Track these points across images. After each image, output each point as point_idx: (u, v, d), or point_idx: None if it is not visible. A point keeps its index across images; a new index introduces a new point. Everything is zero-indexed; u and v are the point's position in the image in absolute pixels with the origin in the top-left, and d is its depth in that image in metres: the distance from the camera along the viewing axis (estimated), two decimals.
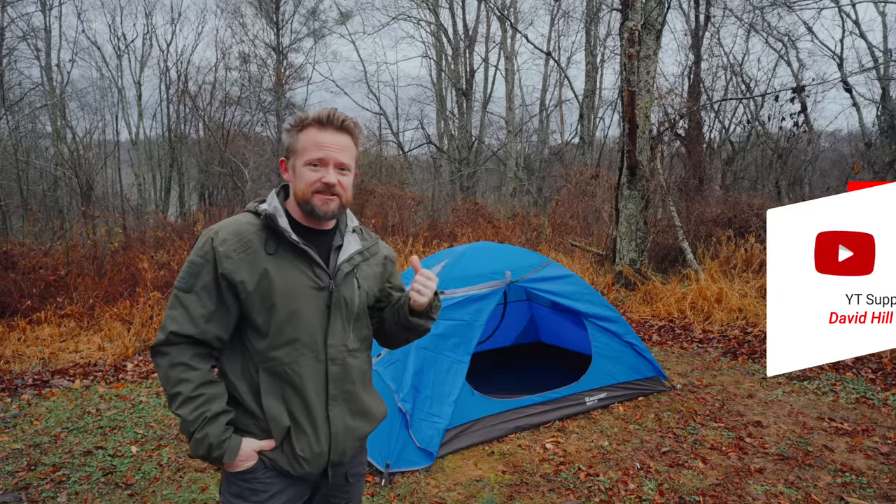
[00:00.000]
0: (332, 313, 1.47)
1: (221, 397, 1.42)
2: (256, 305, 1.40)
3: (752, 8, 13.70)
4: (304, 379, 1.43)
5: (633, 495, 3.04)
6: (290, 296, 1.41)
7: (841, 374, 4.88)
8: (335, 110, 1.45)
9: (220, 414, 1.39)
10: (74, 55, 25.00)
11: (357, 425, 1.54)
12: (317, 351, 1.45)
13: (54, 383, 5.03)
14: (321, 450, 1.46)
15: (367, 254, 1.58)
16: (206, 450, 1.37)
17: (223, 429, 1.39)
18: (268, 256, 1.41)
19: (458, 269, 3.97)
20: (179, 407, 1.37)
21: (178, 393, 1.37)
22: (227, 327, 1.43)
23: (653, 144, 8.97)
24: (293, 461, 1.44)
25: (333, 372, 1.47)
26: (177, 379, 1.38)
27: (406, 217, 13.37)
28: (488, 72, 23.37)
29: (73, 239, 9.57)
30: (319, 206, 1.43)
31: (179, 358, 1.39)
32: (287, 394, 1.43)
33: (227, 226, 1.44)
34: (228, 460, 1.39)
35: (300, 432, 1.44)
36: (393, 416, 3.32)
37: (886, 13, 15.51)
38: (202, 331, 1.39)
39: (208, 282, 1.39)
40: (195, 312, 1.39)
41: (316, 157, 1.42)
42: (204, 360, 1.42)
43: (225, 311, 1.41)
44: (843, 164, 14.53)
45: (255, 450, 1.43)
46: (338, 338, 1.48)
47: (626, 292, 8.21)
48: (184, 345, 1.39)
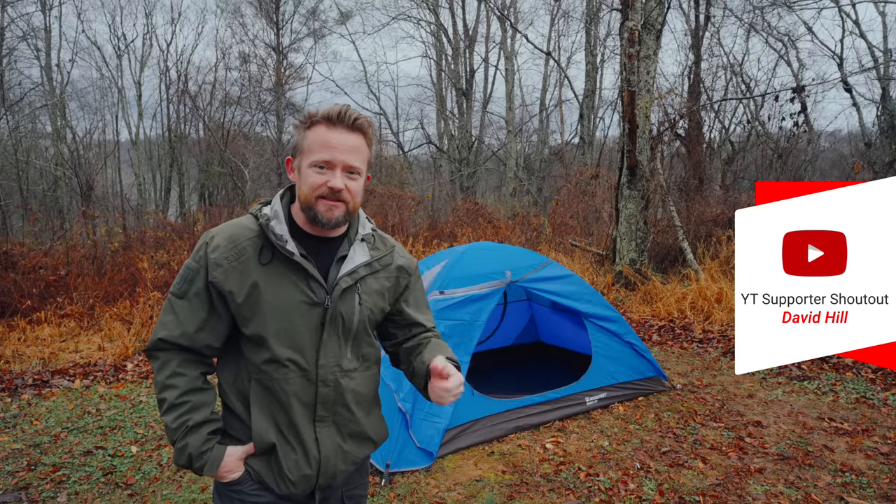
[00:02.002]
0: (327, 331, 1.36)
1: (207, 406, 1.36)
2: (247, 317, 1.32)
3: (752, 8, 13.71)
4: (291, 397, 1.34)
5: (633, 495, 3.04)
6: (281, 311, 1.32)
7: (841, 374, 4.88)
8: (348, 107, 1.31)
9: (202, 423, 1.34)
10: (74, 55, 25.09)
11: (351, 449, 1.44)
12: (306, 370, 1.35)
13: (54, 383, 5.03)
14: (309, 472, 1.38)
15: (376, 265, 1.44)
16: (187, 460, 1.32)
17: (205, 439, 1.33)
18: (261, 267, 1.32)
19: (458, 269, 3.97)
20: (164, 413, 1.33)
21: (163, 399, 1.33)
22: (220, 336, 1.37)
23: (653, 144, 8.97)
24: (279, 479, 1.37)
25: (323, 393, 1.37)
26: (163, 384, 1.33)
27: (406, 217, 13.36)
28: (488, 72, 23.43)
29: (73, 239, 9.57)
30: (323, 212, 1.31)
31: (167, 364, 1.34)
32: (275, 409, 1.36)
33: (224, 230, 1.36)
34: (210, 472, 1.33)
35: (289, 450, 1.37)
36: (393, 416, 3.32)
37: (886, 13, 15.55)
38: (191, 339, 1.34)
39: (200, 289, 1.33)
40: (185, 320, 1.33)
41: (322, 158, 1.29)
42: (193, 366, 1.37)
43: (217, 319, 1.35)
44: (843, 164, 14.53)
45: (240, 458, 1.37)
46: (331, 358, 1.37)
47: (626, 292, 8.21)
48: (172, 351, 1.35)
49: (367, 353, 1.46)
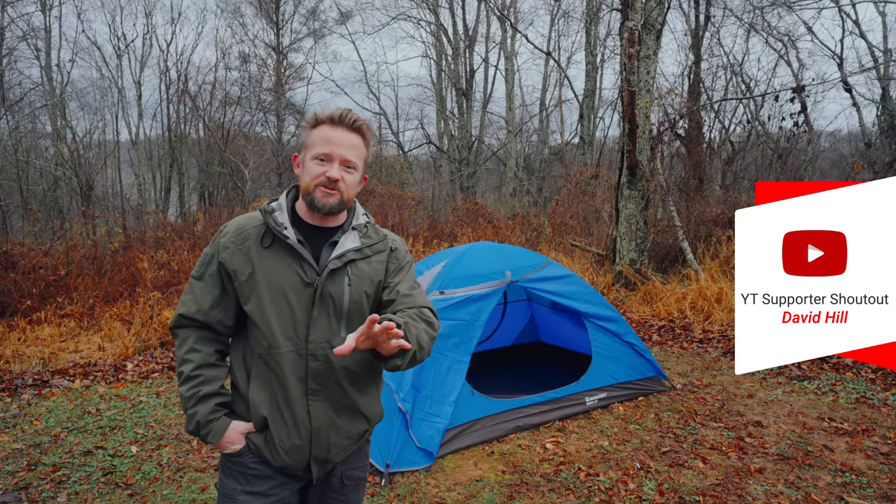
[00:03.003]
0: (317, 309, 1.48)
1: (217, 380, 1.52)
2: (246, 295, 1.48)
3: (752, 8, 13.71)
4: (285, 370, 1.47)
5: (633, 495, 3.04)
6: (276, 289, 1.47)
7: (841, 374, 4.88)
8: (350, 111, 1.50)
9: (212, 395, 1.49)
10: (74, 55, 25.00)
11: (343, 423, 1.54)
12: (298, 345, 1.48)
13: (54, 383, 5.03)
14: (300, 443, 1.49)
15: (367, 251, 1.56)
16: (195, 427, 1.48)
17: (212, 409, 1.48)
18: (262, 250, 1.49)
19: (458, 269, 3.97)
20: (180, 385, 1.50)
21: (180, 372, 1.51)
22: (231, 313, 1.53)
23: (653, 144, 8.97)
24: (273, 450, 1.49)
25: (314, 367, 1.48)
26: (181, 359, 1.51)
27: (406, 217, 13.36)
28: (488, 72, 23.41)
29: (73, 239, 9.56)
30: (320, 198, 1.47)
31: (186, 340, 1.52)
32: (273, 384, 1.49)
33: (236, 221, 1.56)
34: (214, 440, 1.48)
35: (280, 423, 1.49)
36: (393, 416, 3.32)
37: (886, 13, 15.55)
38: (206, 314, 1.51)
39: (214, 271, 1.52)
40: (201, 298, 1.52)
41: (323, 151, 1.47)
42: (208, 343, 1.53)
43: (228, 297, 1.52)
44: (843, 164, 14.53)
45: (242, 432, 1.50)
46: (321, 334, 1.48)
47: (626, 292, 8.21)
48: (191, 327, 1.53)
49: None
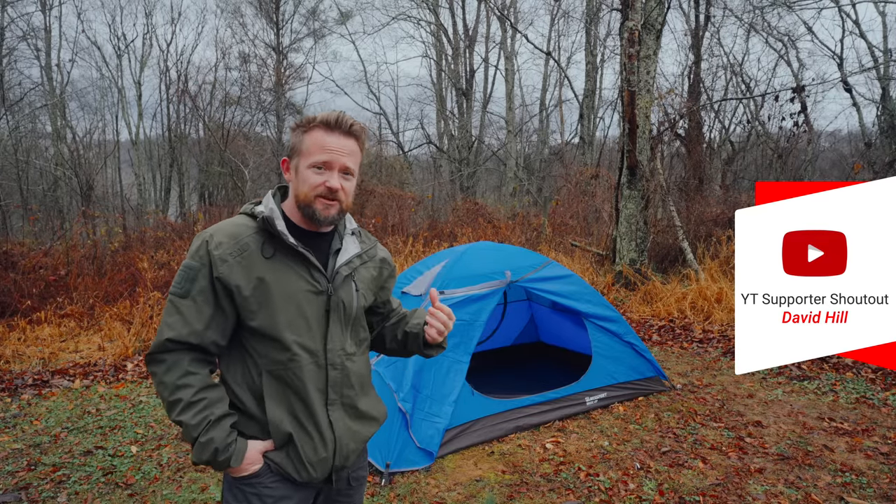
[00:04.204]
0: (331, 317, 1.44)
1: (224, 401, 1.39)
2: (253, 310, 1.37)
3: (752, 8, 13.71)
4: (307, 383, 1.40)
5: (633, 495, 3.04)
6: (288, 300, 1.39)
7: (841, 374, 4.88)
8: (344, 113, 1.42)
9: (223, 417, 1.37)
10: (74, 55, 25.09)
11: (359, 428, 1.53)
12: (316, 356, 1.42)
13: (54, 383, 5.03)
14: (326, 455, 1.44)
15: (365, 257, 1.56)
16: (212, 454, 1.33)
17: (228, 431, 1.36)
18: (265, 260, 1.38)
19: (458, 269, 3.97)
20: (181, 413, 1.33)
21: (178, 399, 1.33)
22: (225, 333, 1.40)
23: (653, 144, 8.97)
24: (299, 466, 1.42)
25: (333, 377, 1.45)
26: (175, 385, 1.34)
27: (406, 217, 13.36)
28: (488, 72, 23.42)
29: (73, 239, 9.57)
30: (321, 210, 1.40)
31: (178, 364, 1.35)
32: (290, 398, 1.41)
33: (223, 229, 1.40)
34: (236, 464, 1.36)
35: (306, 437, 1.42)
36: (393, 416, 3.32)
37: (886, 13, 15.55)
38: (200, 336, 1.36)
39: (205, 286, 1.36)
40: (192, 318, 1.35)
41: (321, 160, 1.39)
42: (202, 365, 1.39)
43: (222, 316, 1.38)
44: (843, 164, 14.53)
45: (261, 451, 1.41)
46: (336, 342, 1.46)
47: (626, 292, 8.21)
48: (181, 351, 1.36)
49: (363, 338, 1.58)
